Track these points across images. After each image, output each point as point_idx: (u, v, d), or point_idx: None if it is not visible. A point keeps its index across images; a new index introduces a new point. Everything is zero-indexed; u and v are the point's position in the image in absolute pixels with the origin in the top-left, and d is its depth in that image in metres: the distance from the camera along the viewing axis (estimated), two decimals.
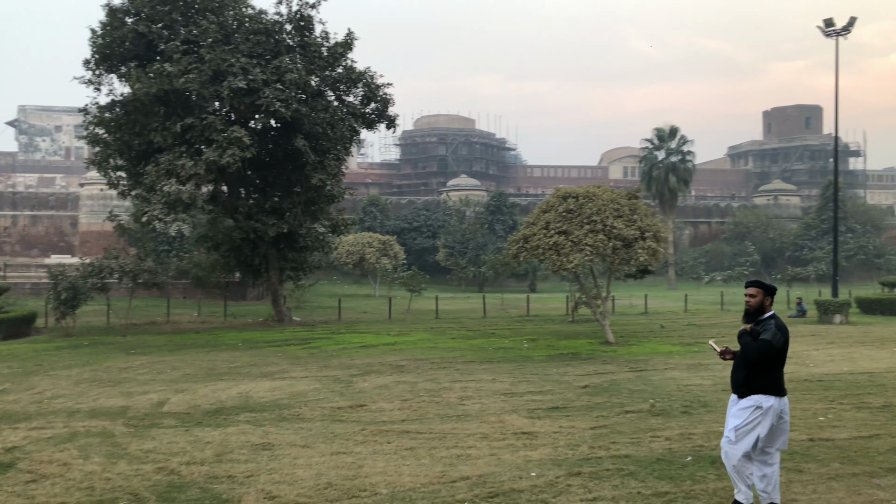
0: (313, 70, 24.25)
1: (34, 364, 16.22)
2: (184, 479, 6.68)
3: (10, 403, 11.17)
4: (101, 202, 58.02)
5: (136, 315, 27.50)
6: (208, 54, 21.88)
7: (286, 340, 20.83)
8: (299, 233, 25.56)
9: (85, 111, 24.21)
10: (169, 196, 21.41)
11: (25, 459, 7.35)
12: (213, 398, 11.28)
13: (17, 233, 67.97)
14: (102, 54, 23.18)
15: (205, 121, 22.07)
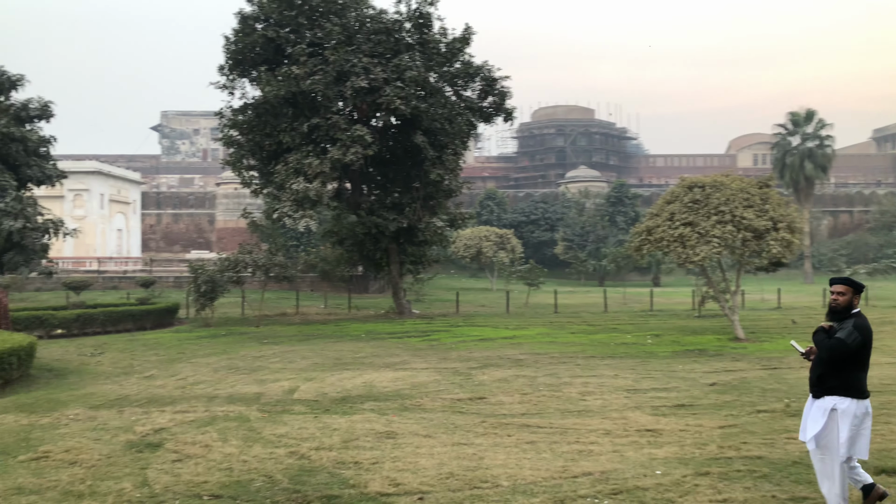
0: (432, 66, 24.62)
1: (177, 352, 17.47)
2: (313, 463, 6.97)
3: (157, 388, 12.08)
4: (236, 200, 61.57)
5: (268, 307, 28.99)
6: (332, 56, 22.69)
7: (406, 332, 21.30)
8: (418, 227, 26.06)
9: (220, 114, 25.74)
10: (297, 194, 22.42)
11: (172, 440, 7.92)
12: (339, 387, 11.71)
13: (161, 230, 73.33)
14: (235, 60, 24.57)
15: (329, 120, 22.92)
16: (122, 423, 8.96)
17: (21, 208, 24.37)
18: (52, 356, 16.31)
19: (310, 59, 22.95)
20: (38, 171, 27.38)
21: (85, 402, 10.70)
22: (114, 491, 6.03)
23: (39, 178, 27.61)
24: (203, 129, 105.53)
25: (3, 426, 8.86)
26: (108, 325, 22.67)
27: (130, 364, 15.48)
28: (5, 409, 10.17)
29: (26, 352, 13.16)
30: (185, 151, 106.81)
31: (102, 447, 7.58)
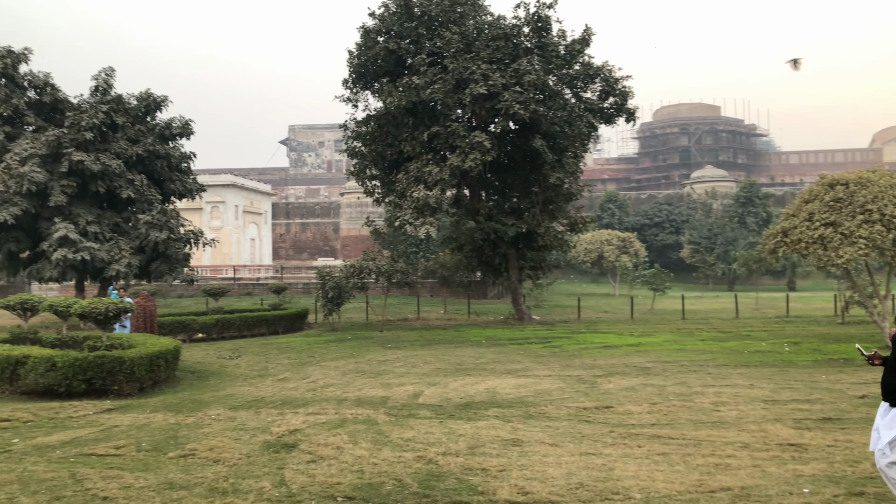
0: (551, 69, 24.42)
1: (308, 355, 18.17)
2: (441, 468, 7.02)
3: (290, 390, 12.60)
4: (359, 209, 63.59)
5: (391, 312, 29.68)
6: (451, 64, 22.97)
7: (527, 339, 21.15)
8: (538, 232, 25.85)
9: (344, 127, 26.66)
10: (418, 201, 22.82)
11: (305, 441, 8.21)
12: (462, 392, 11.77)
13: (290, 238, 76.83)
14: (358, 73, 25.39)
15: (449, 128, 23.20)
16: (259, 423, 9.39)
17: (165, 220, 26.19)
18: (194, 359, 17.39)
19: (429, 68, 23.34)
20: (180, 185, 29.34)
21: (225, 402, 11.32)
22: (254, 489, 6.31)
23: (181, 192, 29.58)
24: (328, 141, 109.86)
25: (154, 424, 9.51)
26: (243, 330, 23.95)
27: (265, 367, 16.25)
28: (154, 409, 10.92)
29: (172, 354, 14.10)
30: (311, 163, 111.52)
31: (242, 446, 7.96)
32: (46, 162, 24.96)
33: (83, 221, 25.20)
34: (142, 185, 26.88)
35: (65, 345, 14.81)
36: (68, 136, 25.17)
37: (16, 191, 24.15)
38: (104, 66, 28.25)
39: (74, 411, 10.77)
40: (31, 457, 7.60)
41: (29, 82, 26.85)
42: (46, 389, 12.40)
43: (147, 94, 28.71)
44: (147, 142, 27.63)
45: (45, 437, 8.66)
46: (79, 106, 26.92)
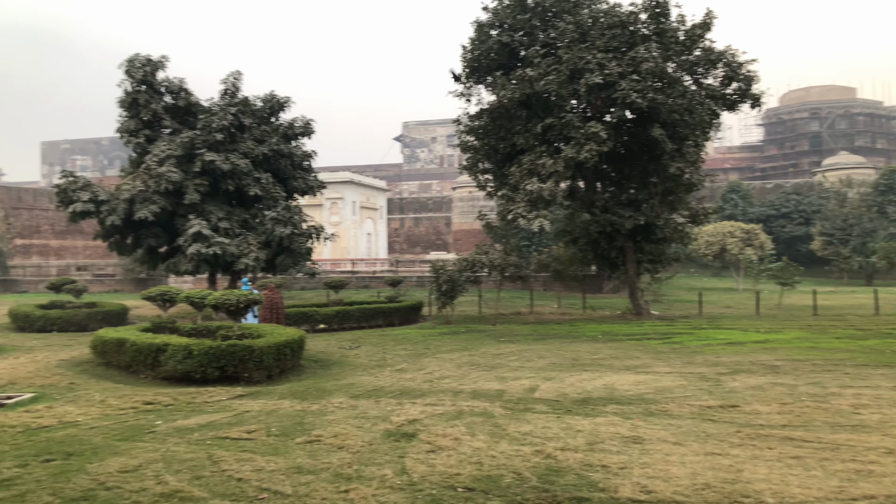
0: (669, 56, 23.56)
1: (423, 347, 18.47)
2: (560, 463, 6.95)
3: (408, 381, 12.86)
4: (470, 203, 63.93)
5: (504, 305, 29.68)
6: (566, 54, 22.63)
7: (645, 334, 20.57)
8: (656, 224, 25.05)
9: (457, 121, 26.85)
10: (531, 194, 22.67)
11: (424, 432, 8.35)
12: (579, 388, 11.60)
13: (404, 233, 78.37)
14: (471, 67, 25.49)
15: (563, 119, 22.89)
16: (379, 412, 9.64)
17: (290, 216, 27.39)
18: (316, 348, 18.08)
19: (543, 59, 23.10)
20: (303, 182, 30.59)
21: (346, 391, 11.70)
22: (377, 476, 6.49)
23: (303, 189, 30.83)
24: (440, 136, 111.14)
25: (281, 411, 9.96)
26: (362, 321, 24.66)
27: (383, 357, 16.66)
28: (282, 396, 11.44)
29: (298, 344, 14.72)
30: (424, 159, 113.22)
31: (364, 434, 8.21)
32: (181, 162, 26.67)
33: (215, 218, 26.77)
34: (267, 183, 28.23)
35: (200, 334, 15.78)
36: (201, 138, 26.79)
37: (155, 190, 25.95)
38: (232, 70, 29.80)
39: (209, 396, 11.46)
40: (172, 438, 8.16)
41: (166, 88, 28.75)
42: (184, 375, 13.26)
43: (271, 95, 30.10)
44: (272, 141, 28.98)
45: (184, 420, 9.27)
46: (209, 109, 28.59)
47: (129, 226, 27.01)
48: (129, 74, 27.70)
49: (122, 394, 11.97)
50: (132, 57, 27.76)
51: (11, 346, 20.01)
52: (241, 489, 6.08)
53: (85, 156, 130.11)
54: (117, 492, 5.98)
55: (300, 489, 6.10)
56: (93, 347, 15.97)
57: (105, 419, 9.62)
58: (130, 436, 8.32)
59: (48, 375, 14.28)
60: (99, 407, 10.66)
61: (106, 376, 14.38)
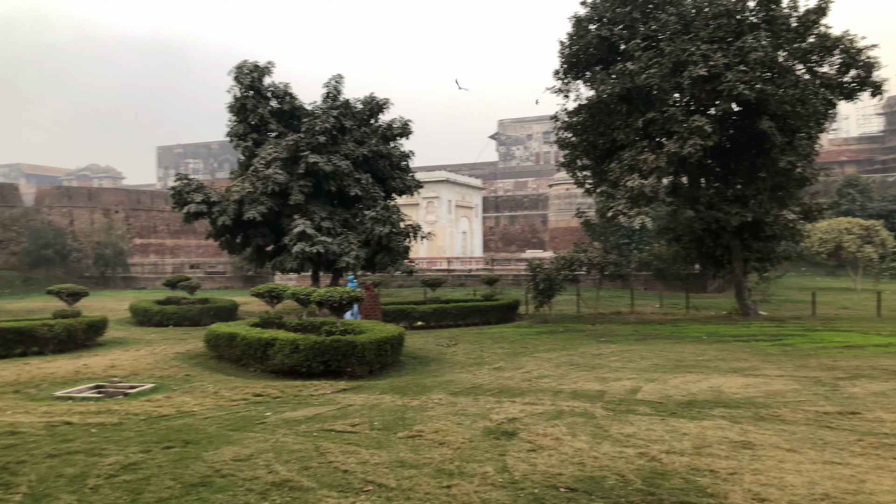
0: (780, 44, 22.44)
1: (521, 346, 18.41)
2: (665, 466, 6.76)
3: (506, 379, 12.85)
4: (567, 201, 63.15)
5: (603, 305, 29.16)
6: (668, 47, 21.98)
7: (753, 335, 19.71)
8: (765, 221, 23.93)
9: (555, 118, 26.56)
10: (632, 191, 22.15)
11: (524, 430, 8.32)
12: (683, 390, 11.24)
13: (499, 231, 78.31)
14: (570, 63, 25.16)
15: (665, 113, 22.23)
16: (478, 410, 9.67)
17: (388, 216, 27.93)
18: (415, 345, 18.35)
19: (644, 53, 22.52)
20: (400, 182, 31.11)
21: (445, 388, 11.81)
22: (478, 473, 6.52)
23: (401, 189, 31.36)
24: (536, 133, 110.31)
25: (383, 405, 10.17)
26: (458, 319, 24.84)
27: (480, 355, 16.72)
28: (383, 391, 11.68)
29: (397, 340, 15.00)
30: (520, 156, 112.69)
31: (464, 431, 8.26)
32: (287, 164, 27.68)
33: (318, 218, 27.64)
34: (367, 184, 28.89)
35: (305, 329, 16.34)
36: (304, 141, 27.72)
37: (262, 191, 27.06)
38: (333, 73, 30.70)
39: (315, 390, 11.85)
40: (281, 429, 8.48)
41: (272, 93, 29.92)
42: (290, 369, 13.77)
43: (371, 97, 30.77)
44: (371, 143, 29.63)
45: (292, 412, 9.62)
46: (313, 112, 29.53)
47: (238, 225, 28.28)
48: (237, 81, 29.00)
49: (234, 386, 12.56)
50: (240, 64, 29.05)
51: (132, 339, 21.38)
52: (348, 481, 6.25)
53: (196, 159, 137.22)
54: (231, 479, 6.28)
55: (404, 483, 6.21)
56: (206, 341, 16.83)
57: (218, 409, 10.11)
58: (242, 426, 8.71)
59: (166, 367, 15.16)
60: (213, 398, 11.23)
61: (218, 369, 15.13)
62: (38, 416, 9.57)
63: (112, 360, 16.14)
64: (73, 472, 6.49)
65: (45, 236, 51.66)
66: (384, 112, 31.09)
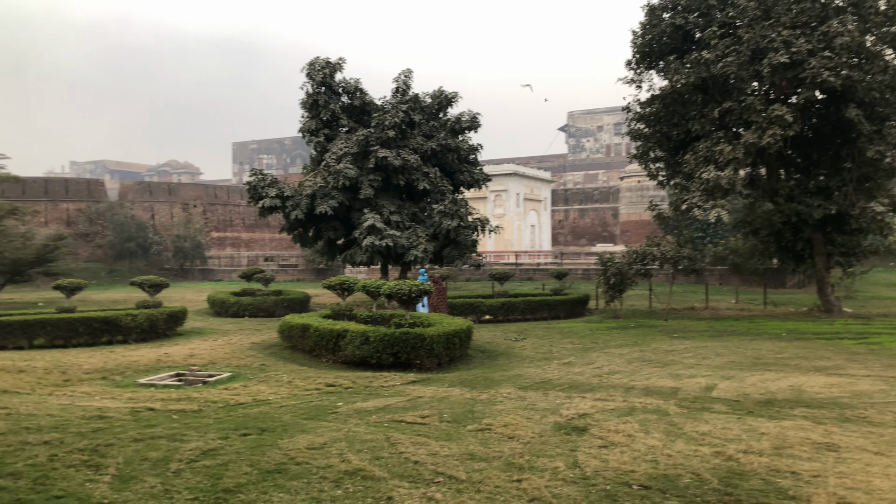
0: (868, 29, 21.35)
1: (591, 341, 18.17)
2: (743, 467, 6.55)
3: (576, 375, 12.71)
4: (639, 193, 61.92)
5: (676, 300, 28.48)
6: (746, 34, 21.21)
7: (837, 333, 18.90)
8: (850, 213, 22.85)
9: (627, 109, 26.03)
10: (708, 183, 21.52)
11: (595, 426, 8.20)
12: (762, 388, 10.88)
13: (569, 224, 77.46)
14: (642, 53, 24.60)
15: (743, 103, 21.49)
16: (548, 404, 9.60)
17: (456, 209, 27.98)
18: (483, 339, 18.35)
19: (721, 40, 21.79)
20: (468, 175, 31.12)
21: (514, 382, 11.77)
22: (549, 468, 6.46)
23: (469, 182, 31.36)
24: (606, 125, 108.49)
25: (452, 398, 10.20)
26: (526, 313, 24.71)
27: (549, 350, 16.59)
28: (452, 384, 11.73)
29: (465, 334, 15.03)
30: (590, 148, 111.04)
31: (534, 426, 8.21)
32: (357, 159, 28.08)
33: (387, 211, 27.95)
34: (435, 177, 29.01)
35: (374, 321, 16.56)
36: (374, 135, 28.04)
37: (333, 186, 27.53)
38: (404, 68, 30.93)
39: (385, 381, 12.00)
40: (353, 419, 8.62)
41: (343, 88, 30.37)
42: (361, 360, 13.99)
43: (439, 91, 30.86)
44: (440, 136, 29.72)
45: (363, 403, 9.76)
46: (382, 107, 29.85)
47: (310, 219, 28.87)
48: (309, 77, 29.56)
49: (307, 375, 12.84)
50: (313, 61, 29.58)
51: (210, 329, 22.13)
52: (418, 471, 6.30)
53: (270, 154, 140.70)
54: (306, 467, 6.41)
55: (474, 475, 6.21)
56: (280, 332, 17.27)
57: (292, 399, 10.35)
58: (315, 415, 8.89)
59: (242, 357, 15.63)
60: (287, 387, 11.51)
61: (292, 359, 15.50)
62: (123, 402, 10.01)
63: (191, 350, 16.75)
64: (156, 455, 6.76)
65: (129, 230, 53.96)
66: (453, 106, 31.16)
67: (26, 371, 13.40)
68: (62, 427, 8.06)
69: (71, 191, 57.92)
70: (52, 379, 12.61)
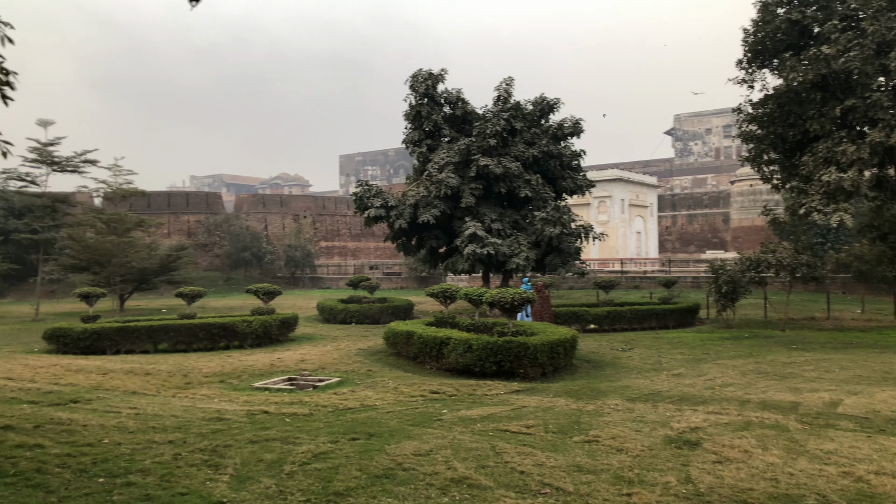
0: None
1: (702, 352, 17.48)
2: (874, 489, 6.11)
3: (686, 386, 12.25)
4: (751, 198, 59.20)
5: (794, 310, 26.99)
6: (871, 26, 19.89)
7: None
8: None
9: (738, 110, 24.94)
10: (828, 185, 20.29)
11: (708, 441, 7.87)
12: (893, 404, 10.12)
13: (676, 231, 75.01)
14: (754, 51, 23.52)
15: (868, 100, 20.13)
16: (657, 417, 9.30)
17: (559, 216, 27.66)
18: (588, 349, 18.02)
19: (842, 34, 20.53)
20: (571, 182, 30.73)
21: (621, 393, 11.48)
22: (660, 483, 6.25)
23: (572, 189, 30.96)
24: (715, 127, 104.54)
25: (557, 408, 10.06)
26: (633, 323, 24.07)
27: (658, 361, 16.09)
28: (556, 394, 11.57)
29: (570, 343, 14.80)
30: (698, 152, 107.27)
31: (643, 438, 7.96)
32: (458, 168, 28.31)
33: (488, 220, 28.00)
34: (537, 184, 28.82)
35: (477, 329, 16.59)
36: (476, 144, 28.19)
37: (435, 195, 27.86)
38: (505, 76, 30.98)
39: (488, 389, 11.99)
40: (457, 427, 8.65)
41: (444, 99, 30.74)
42: (464, 368, 14.04)
43: (541, 98, 30.70)
44: (541, 143, 29.53)
45: (467, 411, 9.78)
46: (483, 115, 29.97)
47: (413, 228, 29.33)
48: (412, 89, 30.09)
49: (412, 382, 13.02)
50: (416, 72, 30.11)
51: (320, 335, 22.86)
52: (524, 482, 6.24)
53: (374, 166, 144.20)
54: (413, 473, 6.49)
55: (581, 488, 6.09)
56: (385, 338, 17.61)
57: (398, 405, 10.52)
58: (421, 422, 8.99)
59: (350, 362, 16.04)
60: (393, 393, 11.71)
61: (397, 365, 15.77)
62: (239, 405, 10.48)
63: (302, 355, 17.35)
64: (271, 457, 7.02)
65: (244, 240, 56.60)
66: (555, 112, 30.89)
67: (152, 374, 14.29)
68: (184, 427, 8.53)
69: (191, 204, 61.40)
70: (174, 382, 13.37)
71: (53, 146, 32.56)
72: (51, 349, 19.05)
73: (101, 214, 35.10)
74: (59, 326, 19.39)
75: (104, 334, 18.79)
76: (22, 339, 22.31)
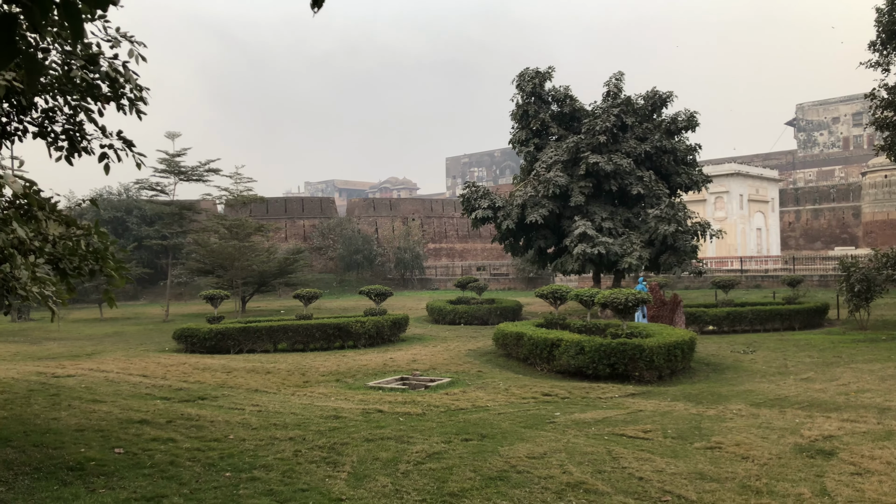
0: None
1: (832, 355, 16.38)
2: None
3: (816, 392, 11.49)
4: (886, 189, 55.03)
5: None
6: None
7: None
8: None
9: (871, 96, 23.22)
10: None
11: (844, 450, 7.33)
12: None
13: (800, 226, 70.83)
14: (889, 32, 21.82)
15: None
16: (785, 423, 8.77)
17: (673, 214, 26.68)
18: (707, 351, 17.29)
19: None
20: (686, 178, 29.57)
21: (745, 398, 10.91)
22: (791, 494, 5.87)
23: (687, 185, 29.79)
24: (843, 116, 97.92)
25: (676, 413, 9.69)
26: (755, 324, 22.91)
27: (784, 364, 15.22)
28: (675, 397, 11.15)
29: (688, 345, 14.24)
30: (823, 143, 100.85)
31: (770, 446, 7.52)
32: (567, 166, 27.88)
33: (598, 218, 27.40)
34: (650, 181, 27.94)
35: (589, 331, 16.26)
36: (584, 141, 27.66)
37: (543, 194, 27.56)
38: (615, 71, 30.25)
39: (602, 392, 11.71)
40: (571, 430, 8.48)
41: (552, 97, 30.36)
42: (576, 370, 13.80)
43: (653, 92, 29.75)
44: (654, 138, 28.61)
45: (581, 414, 9.58)
46: (592, 112, 29.38)
47: (521, 228, 29.13)
48: (519, 88, 29.92)
49: (523, 384, 12.92)
50: (523, 71, 29.92)
51: (430, 335, 23.13)
52: (644, 489, 6.02)
53: (480, 167, 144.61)
54: (527, 476, 6.40)
55: (705, 496, 5.81)
56: (495, 339, 17.58)
57: (510, 406, 10.45)
58: (533, 424, 8.89)
59: (460, 363, 16.13)
60: (504, 394, 11.65)
61: (506, 366, 15.70)
62: (355, 403, 10.74)
63: (413, 355, 17.60)
64: (386, 456, 7.13)
65: (355, 243, 58.18)
66: (668, 106, 29.85)
67: (272, 372, 14.90)
68: (304, 425, 8.81)
69: (306, 209, 63.79)
70: (293, 380, 13.88)
71: (180, 157, 34.66)
72: (180, 348, 20.28)
73: (224, 220, 37.02)
74: (188, 327, 20.61)
75: (228, 335, 19.79)
76: (154, 339, 23.88)
